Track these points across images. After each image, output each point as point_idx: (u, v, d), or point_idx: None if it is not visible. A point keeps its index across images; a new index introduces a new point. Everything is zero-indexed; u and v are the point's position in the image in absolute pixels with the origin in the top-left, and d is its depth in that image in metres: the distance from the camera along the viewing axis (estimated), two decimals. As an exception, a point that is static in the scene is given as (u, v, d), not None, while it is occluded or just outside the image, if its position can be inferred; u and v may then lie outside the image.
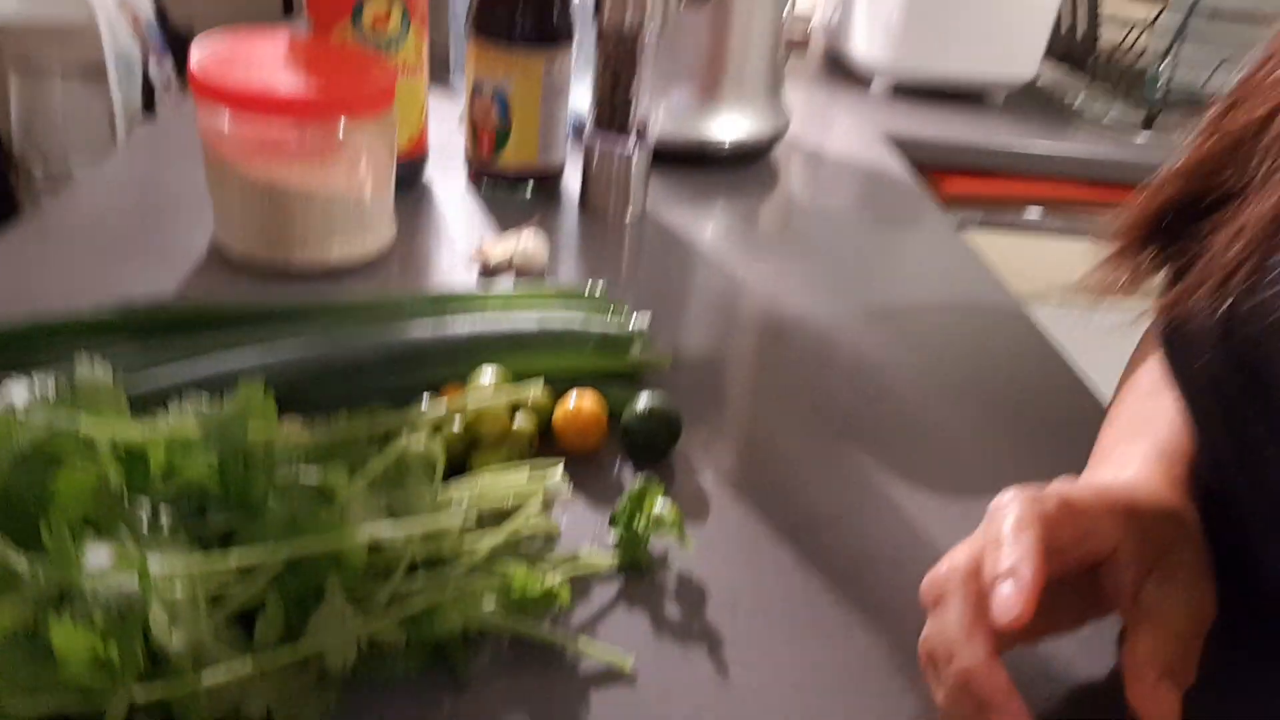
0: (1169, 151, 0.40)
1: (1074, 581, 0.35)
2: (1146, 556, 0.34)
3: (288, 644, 0.32)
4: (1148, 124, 1.21)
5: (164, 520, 0.32)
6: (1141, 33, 1.28)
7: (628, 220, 0.76)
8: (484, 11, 0.72)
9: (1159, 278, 0.40)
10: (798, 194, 0.90)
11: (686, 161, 0.88)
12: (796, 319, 0.65)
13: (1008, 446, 0.55)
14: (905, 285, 0.74)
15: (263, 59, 0.60)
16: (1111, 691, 0.38)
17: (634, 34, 0.70)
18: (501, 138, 0.75)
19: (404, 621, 0.34)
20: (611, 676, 0.36)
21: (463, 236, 0.70)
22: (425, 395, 0.46)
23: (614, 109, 0.73)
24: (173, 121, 0.87)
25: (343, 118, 0.58)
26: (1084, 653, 0.39)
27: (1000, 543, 0.31)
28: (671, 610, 0.40)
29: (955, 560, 0.33)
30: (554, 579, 0.37)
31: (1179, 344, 0.38)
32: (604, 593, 0.40)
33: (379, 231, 0.65)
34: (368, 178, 0.62)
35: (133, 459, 0.33)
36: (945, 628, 0.32)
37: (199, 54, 0.59)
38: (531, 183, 0.77)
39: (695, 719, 0.35)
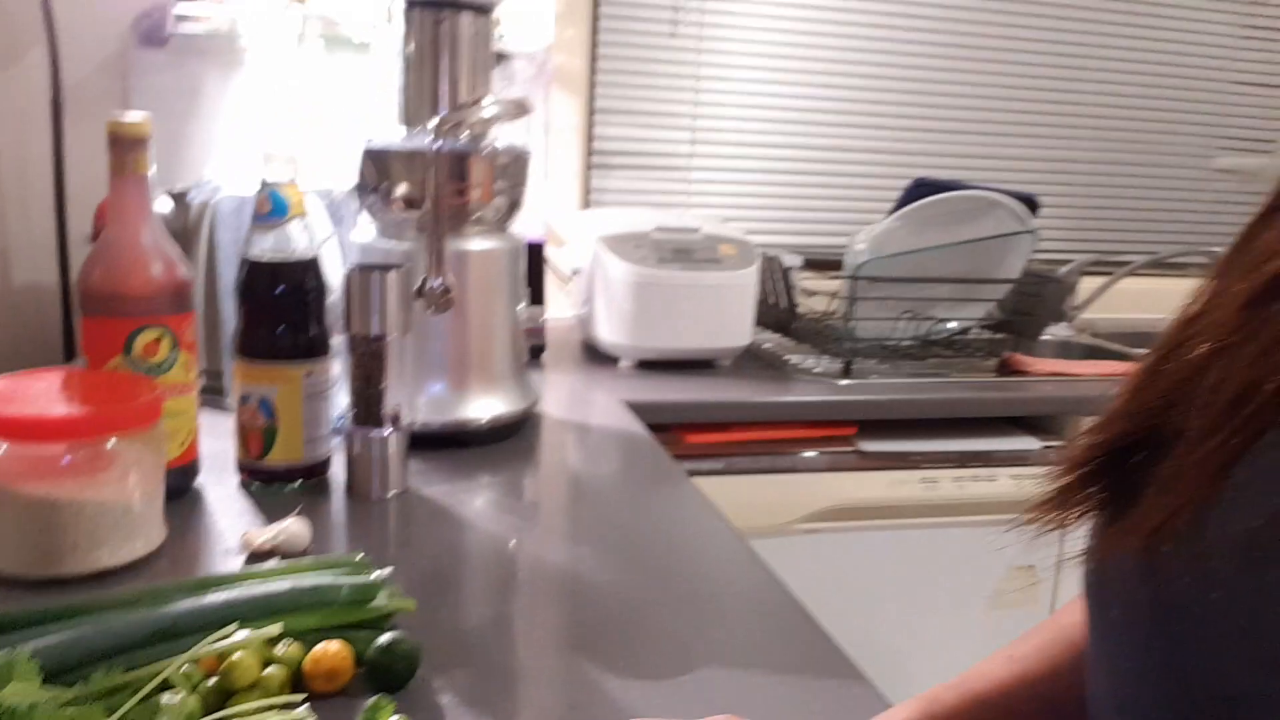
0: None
1: None
2: None
3: None
4: (846, 371, 1.45)
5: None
6: (831, 302, 1.57)
7: (389, 496, 0.86)
8: (246, 335, 0.84)
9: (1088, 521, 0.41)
10: (551, 461, 1.03)
11: (449, 443, 1.00)
12: (552, 577, 0.75)
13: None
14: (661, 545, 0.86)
15: (33, 391, 0.68)
16: None
17: (379, 340, 0.83)
18: (269, 438, 0.85)
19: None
20: None
21: (231, 530, 0.77)
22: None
23: (368, 404, 0.85)
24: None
25: (112, 436, 0.66)
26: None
27: None
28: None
29: None
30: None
31: (1098, 587, 0.39)
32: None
33: (149, 535, 0.71)
34: (137, 487, 0.69)
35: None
36: None
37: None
38: (300, 481, 0.86)
39: None
